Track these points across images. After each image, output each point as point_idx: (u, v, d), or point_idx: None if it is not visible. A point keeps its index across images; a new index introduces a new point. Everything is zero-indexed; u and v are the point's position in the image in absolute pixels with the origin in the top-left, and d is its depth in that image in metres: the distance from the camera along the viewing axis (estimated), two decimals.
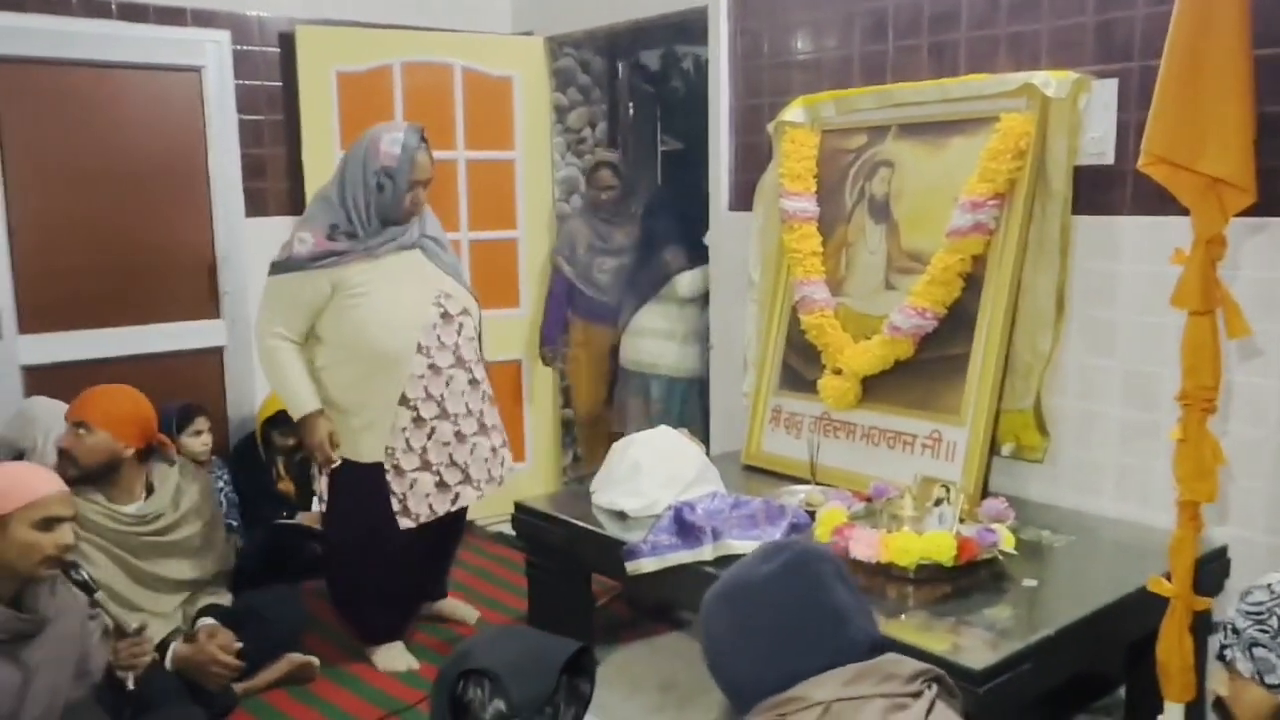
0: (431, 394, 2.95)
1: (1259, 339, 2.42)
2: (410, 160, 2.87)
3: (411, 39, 4.19)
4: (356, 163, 2.87)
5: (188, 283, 3.93)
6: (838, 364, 3.09)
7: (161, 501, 2.84)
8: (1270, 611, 1.32)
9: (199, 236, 3.93)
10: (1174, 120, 2.02)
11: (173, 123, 3.84)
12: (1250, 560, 2.48)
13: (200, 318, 3.96)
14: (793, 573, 1.26)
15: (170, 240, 3.88)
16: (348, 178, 2.87)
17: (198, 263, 3.94)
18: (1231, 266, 2.41)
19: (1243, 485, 2.51)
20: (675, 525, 2.59)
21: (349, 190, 2.86)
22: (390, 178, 2.84)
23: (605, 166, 4.18)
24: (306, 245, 2.86)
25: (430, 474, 2.98)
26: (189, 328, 3.93)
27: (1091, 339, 2.78)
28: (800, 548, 1.30)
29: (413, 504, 2.97)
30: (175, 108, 3.84)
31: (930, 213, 2.95)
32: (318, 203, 2.97)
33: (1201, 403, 2.07)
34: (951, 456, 2.83)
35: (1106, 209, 2.72)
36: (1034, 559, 2.46)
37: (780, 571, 1.26)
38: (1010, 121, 2.75)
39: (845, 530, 2.43)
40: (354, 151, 2.91)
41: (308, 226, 2.90)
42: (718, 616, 1.30)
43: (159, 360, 3.85)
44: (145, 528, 2.79)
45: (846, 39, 3.29)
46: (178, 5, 3.79)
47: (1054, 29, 2.78)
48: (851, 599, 1.28)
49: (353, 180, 2.86)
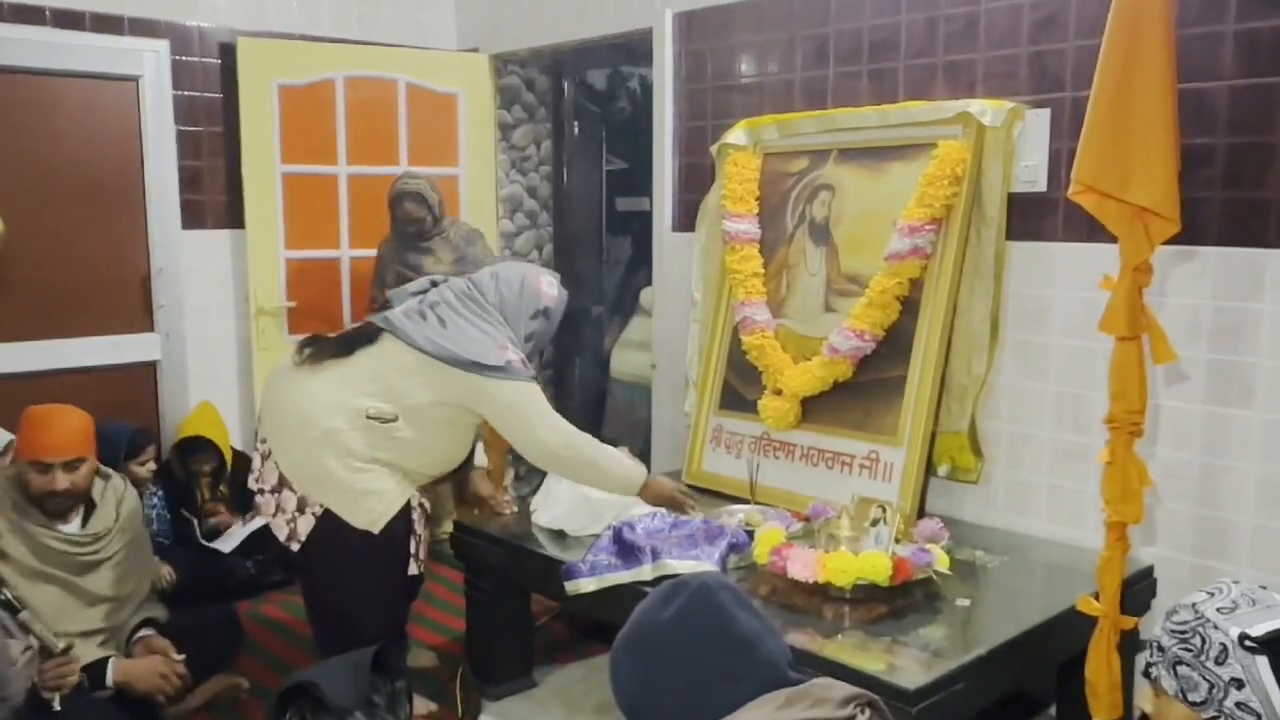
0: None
1: (1184, 364, 2.48)
2: (564, 303, 2.85)
3: (355, 53, 4.15)
4: (513, 300, 2.72)
5: (121, 296, 3.83)
6: (778, 385, 3.10)
7: (107, 519, 2.74)
8: (1194, 631, 1.33)
9: (133, 249, 3.84)
10: (1102, 150, 2.06)
11: (108, 133, 3.75)
12: (1176, 580, 2.53)
13: (134, 331, 3.86)
14: (695, 611, 1.25)
15: (104, 252, 3.78)
16: (508, 316, 2.71)
17: (132, 275, 3.84)
18: (1158, 294, 2.47)
19: (1169, 507, 2.56)
20: (615, 545, 2.58)
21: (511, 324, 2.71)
22: (548, 319, 2.79)
23: (408, 199, 3.72)
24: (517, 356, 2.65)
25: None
26: (122, 341, 3.83)
27: (1024, 362, 2.82)
28: (698, 583, 1.28)
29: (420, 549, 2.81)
30: (111, 118, 3.75)
31: (869, 236, 2.98)
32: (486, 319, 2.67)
33: (1128, 426, 2.11)
34: (889, 477, 2.85)
35: (1039, 235, 2.76)
36: (968, 579, 2.48)
37: (682, 613, 1.25)
38: (947, 148, 2.79)
39: (783, 550, 2.43)
40: (507, 290, 2.73)
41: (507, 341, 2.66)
42: (629, 672, 1.27)
43: (90, 375, 3.74)
44: (88, 547, 2.69)
45: (789, 64, 3.32)
46: (115, 13, 3.70)
47: (990, 59, 2.83)
48: (756, 622, 1.27)
49: (514, 314, 2.72)
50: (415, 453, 2.64)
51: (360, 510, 2.59)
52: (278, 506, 2.65)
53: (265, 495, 2.68)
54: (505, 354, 2.60)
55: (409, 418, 2.59)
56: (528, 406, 2.62)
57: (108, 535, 2.72)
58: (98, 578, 2.71)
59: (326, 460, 2.56)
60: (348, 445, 2.56)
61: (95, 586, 2.70)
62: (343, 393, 2.59)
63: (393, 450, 2.60)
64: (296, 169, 4.04)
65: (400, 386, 2.58)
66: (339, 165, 4.12)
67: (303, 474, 2.60)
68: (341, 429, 2.56)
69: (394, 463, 2.62)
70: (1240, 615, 1.31)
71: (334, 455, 2.56)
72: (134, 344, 3.86)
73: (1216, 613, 1.32)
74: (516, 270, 2.80)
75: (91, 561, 2.70)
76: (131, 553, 2.80)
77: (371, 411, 2.57)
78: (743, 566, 2.55)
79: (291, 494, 2.61)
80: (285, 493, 2.63)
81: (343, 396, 2.58)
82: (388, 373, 2.60)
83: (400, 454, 2.62)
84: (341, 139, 4.11)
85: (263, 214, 3.99)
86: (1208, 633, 1.31)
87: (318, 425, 2.57)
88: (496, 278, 2.75)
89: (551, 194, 4.78)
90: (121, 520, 2.77)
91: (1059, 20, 2.69)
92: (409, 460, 2.64)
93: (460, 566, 3.12)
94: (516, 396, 2.60)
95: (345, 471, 2.57)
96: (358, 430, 2.57)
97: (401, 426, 2.59)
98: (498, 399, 2.59)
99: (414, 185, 3.73)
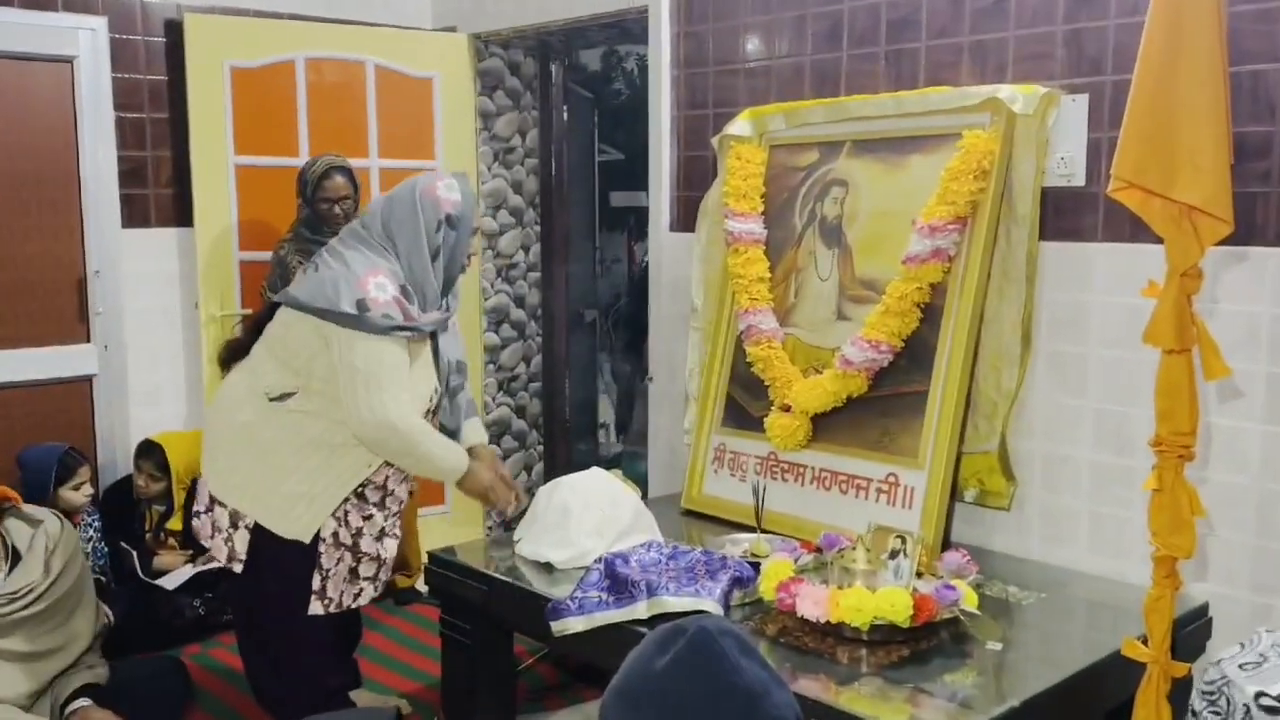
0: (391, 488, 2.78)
1: (1239, 379, 2.47)
2: (473, 205, 2.75)
3: (318, 32, 4.14)
4: (408, 218, 2.65)
5: (52, 302, 3.81)
6: (786, 400, 3.09)
7: (33, 572, 2.69)
8: (1219, 691, 1.33)
9: (67, 249, 3.82)
10: (1145, 142, 2.04)
11: (39, 120, 3.74)
12: (1233, 620, 2.52)
13: (67, 341, 3.84)
14: (694, 660, 1.23)
15: (33, 253, 3.76)
16: (399, 236, 2.64)
17: (65, 279, 3.83)
18: (1210, 300, 2.46)
19: (1224, 538, 2.55)
20: (607, 579, 2.56)
21: (404, 247, 2.64)
22: (454, 227, 2.69)
23: (339, 171, 3.62)
24: (386, 294, 2.55)
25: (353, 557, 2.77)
26: (53, 354, 3.81)
27: (1060, 376, 2.81)
28: (696, 627, 1.27)
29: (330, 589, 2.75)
30: (42, 103, 3.74)
31: (886, 237, 2.97)
32: (368, 245, 2.63)
33: (1178, 449, 2.09)
34: (909, 503, 2.84)
35: (1076, 235, 2.76)
36: (999, 618, 2.46)
37: (680, 661, 1.23)
38: (973, 139, 2.78)
39: (792, 585, 2.41)
40: (397, 209, 2.67)
41: (381, 270, 2.58)
42: None
43: (16, 391, 3.73)
44: (14, 604, 2.65)
45: (798, 45, 3.31)
46: None
47: (1021, 39, 2.83)
48: (762, 672, 1.25)
49: (409, 237, 2.64)
50: (331, 428, 2.59)
51: (287, 519, 2.61)
52: (214, 527, 2.67)
53: (202, 517, 2.72)
54: (364, 288, 2.52)
55: (308, 388, 2.59)
56: (370, 365, 2.53)
57: (33, 589, 2.67)
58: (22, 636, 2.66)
59: (245, 463, 2.61)
60: (262, 440, 2.60)
61: (18, 645, 2.65)
62: (248, 380, 2.64)
63: (307, 432, 2.59)
64: (251, 160, 4.03)
65: (290, 354, 2.60)
66: (299, 157, 4.09)
67: (226, 484, 2.64)
68: (251, 422, 2.61)
69: (315, 451, 2.60)
70: (1264, 671, 1.31)
71: (251, 456, 2.60)
72: (67, 356, 3.84)
73: (1239, 670, 1.33)
74: (408, 183, 2.73)
75: (24, 619, 2.65)
76: (65, 605, 2.76)
77: (272, 392, 2.59)
78: (748, 603, 2.53)
79: (223, 509, 2.64)
80: (217, 509, 2.66)
81: (249, 383, 2.64)
82: (275, 344, 2.63)
83: (317, 434, 2.59)
84: (303, 128, 4.11)
85: (214, 211, 3.97)
86: (1231, 693, 1.32)
87: (234, 421, 2.62)
88: (388, 198, 2.71)
89: (539, 189, 4.78)
90: (54, 571, 2.72)
91: None
92: (333, 436, 2.59)
93: (435, 603, 3.09)
94: (354, 354, 2.53)
95: (265, 474, 2.60)
96: (267, 420, 2.60)
97: (302, 400, 2.58)
98: (335, 349, 2.54)
99: (340, 160, 3.67)
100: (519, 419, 4.80)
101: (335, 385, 2.56)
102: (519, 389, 4.79)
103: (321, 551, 2.66)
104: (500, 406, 4.71)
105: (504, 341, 4.70)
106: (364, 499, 2.71)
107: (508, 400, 4.74)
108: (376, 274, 2.56)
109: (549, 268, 4.83)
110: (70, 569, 2.81)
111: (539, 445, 4.91)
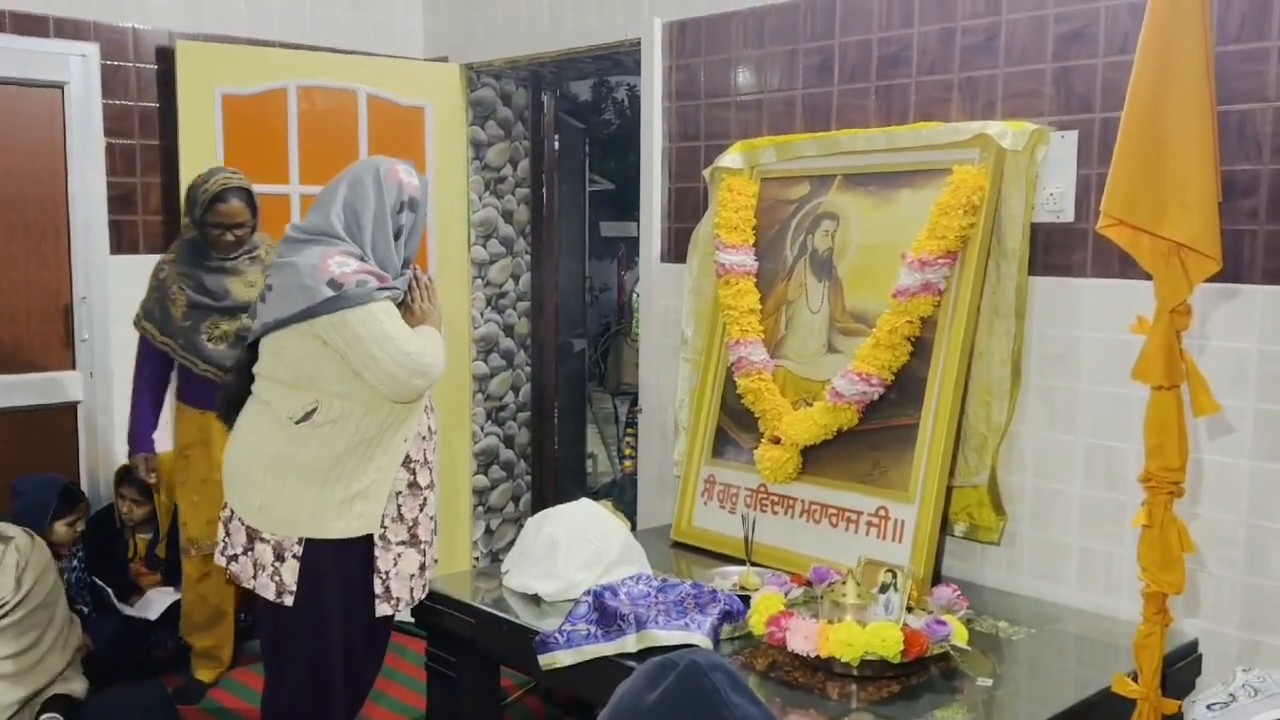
0: (429, 459, 2.78)
1: (1229, 415, 2.49)
2: (428, 191, 2.77)
3: (310, 60, 4.16)
4: (369, 198, 2.63)
5: (38, 327, 3.80)
6: (776, 432, 3.09)
7: (4, 586, 2.69)
8: None
9: (54, 274, 3.82)
10: (1134, 179, 2.07)
11: (28, 145, 3.74)
12: (1223, 657, 2.52)
13: (51, 368, 3.82)
14: (684, 696, 1.23)
15: (19, 278, 3.75)
16: (363, 215, 2.63)
17: (51, 305, 3.82)
18: (1199, 337, 2.49)
19: (1214, 574, 2.56)
20: (595, 611, 2.55)
21: (368, 229, 2.63)
22: (413, 210, 2.70)
23: (235, 194, 3.36)
24: (350, 266, 2.54)
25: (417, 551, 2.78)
26: (37, 380, 3.79)
27: (1050, 410, 2.82)
28: (688, 661, 1.26)
29: (396, 588, 2.73)
30: (32, 128, 3.75)
31: (876, 270, 2.99)
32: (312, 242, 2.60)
33: (1167, 485, 2.10)
34: (899, 537, 2.84)
35: (1066, 270, 2.78)
36: (990, 654, 2.46)
37: (670, 695, 1.23)
38: (963, 174, 2.81)
39: (782, 619, 2.41)
40: (358, 190, 2.65)
41: (335, 252, 2.56)
42: None
43: (1, 417, 3.69)
44: None
45: (789, 79, 3.35)
46: (39, 13, 3.71)
47: (1011, 76, 2.86)
48: (753, 708, 1.25)
49: (374, 217, 2.63)
50: (361, 426, 2.60)
51: (347, 519, 2.61)
52: (256, 565, 2.61)
53: (240, 560, 2.64)
54: (327, 271, 2.52)
55: (325, 398, 2.58)
56: (365, 335, 2.52)
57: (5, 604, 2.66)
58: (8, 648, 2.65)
59: (289, 491, 2.58)
60: (299, 464, 2.58)
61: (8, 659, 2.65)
62: (265, 413, 2.63)
63: (341, 440, 2.58)
64: None
65: (293, 373, 2.59)
66: (290, 184, 4.12)
67: (271, 517, 2.60)
68: (284, 450, 2.59)
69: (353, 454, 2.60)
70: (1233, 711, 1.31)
71: (294, 482, 2.58)
72: (51, 383, 3.82)
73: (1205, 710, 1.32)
74: (367, 166, 2.72)
75: None
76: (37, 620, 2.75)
77: (295, 415, 2.58)
78: (737, 637, 2.52)
79: (265, 544, 2.60)
80: (258, 546, 2.61)
81: (268, 416, 2.62)
82: (274, 371, 2.62)
83: (350, 438, 2.59)
84: (293, 155, 4.11)
85: None
86: None
87: (265, 455, 2.60)
88: (341, 180, 2.69)
89: (529, 219, 4.79)
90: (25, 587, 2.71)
91: (1087, 34, 2.72)
92: (366, 431, 2.60)
93: (423, 635, 3.07)
94: (351, 328, 2.52)
95: (314, 494, 2.58)
96: (300, 444, 2.58)
97: (325, 411, 2.57)
98: (332, 337, 2.53)
99: (237, 179, 3.40)
100: (507, 449, 4.79)
101: (348, 380, 2.55)
102: (507, 418, 4.78)
103: (377, 555, 2.66)
104: (488, 436, 4.70)
105: (492, 370, 4.69)
106: (416, 486, 2.71)
107: (496, 430, 4.73)
108: (331, 256, 2.55)
109: (539, 297, 4.84)
110: (40, 585, 2.80)
111: (527, 475, 4.90)
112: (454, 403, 4.42)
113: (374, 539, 2.65)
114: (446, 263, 4.43)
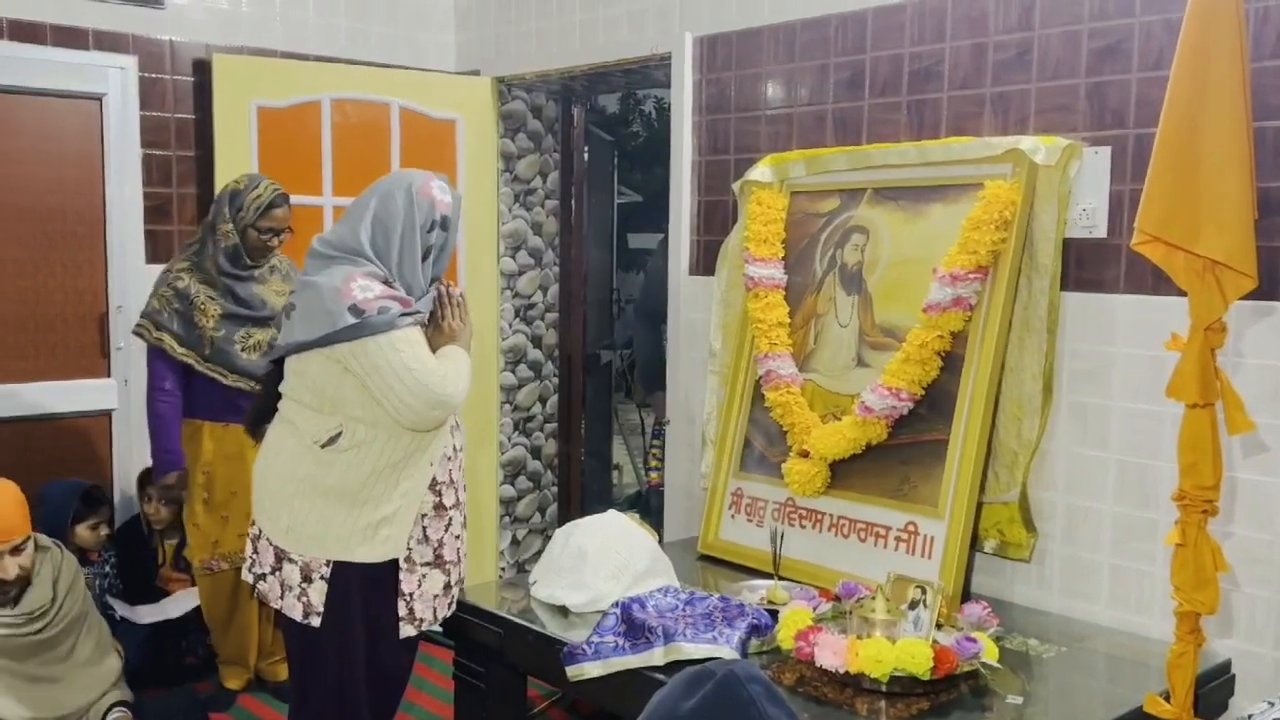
0: (455, 479, 2.76)
1: (1264, 433, 2.46)
2: (460, 207, 2.74)
3: (343, 73, 4.20)
4: (399, 215, 2.59)
5: (74, 336, 3.85)
6: (804, 445, 3.09)
7: (42, 597, 2.73)
8: None
9: (90, 283, 3.87)
10: (1169, 196, 2.07)
11: (67, 155, 3.80)
12: (1257, 678, 2.49)
13: (87, 375, 3.87)
14: (721, 705, 1.23)
15: (56, 287, 3.81)
16: (392, 232, 2.59)
17: (87, 313, 3.87)
18: (1234, 354, 2.47)
19: (1248, 594, 2.53)
20: (623, 624, 2.55)
21: (395, 246, 2.59)
22: (445, 229, 2.67)
23: (282, 203, 3.44)
24: (372, 292, 2.49)
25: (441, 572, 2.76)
26: (73, 387, 3.84)
27: (1082, 427, 2.81)
28: (725, 671, 1.27)
29: (420, 608, 2.73)
30: (71, 139, 3.80)
31: (906, 285, 2.98)
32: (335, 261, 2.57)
33: (1201, 504, 2.09)
34: (929, 553, 2.83)
35: (1098, 286, 2.77)
36: (1020, 672, 2.45)
37: (706, 706, 1.23)
38: (995, 189, 2.80)
39: (810, 634, 2.40)
40: (388, 206, 2.61)
41: (358, 274, 2.52)
42: None
43: (35, 424, 3.75)
44: (33, 625, 2.67)
45: (820, 93, 3.35)
46: (79, 26, 3.77)
47: (1044, 91, 2.85)
48: None
49: (404, 236, 2.60)
50: (386, 449, 2.58)
51: (372, 544, 2.59)
52: (283, 586, 2.61)
53: (268, 580, 2.64)
54: (350, 296, 2.47)
55: (349, 422, 2.56)
56: (409, 350, 2.50)
57: (47, 614, 2.70)
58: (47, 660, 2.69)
59: (317, 513, 2.57)
60: (326, 487, 2.57)
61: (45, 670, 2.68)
62: (292, 434, 2.62)
63: (367, 464, 2.57)
64: None
65: (317, 397, 2.57)
66: (324, 196, 4.16)
67: (299, 538, 2.59)
68: (311, 474, 2.57)
69: (379, 478, 2.58)
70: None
71: (321, 505, 2.57)
72: (87, 390, 3.87)
73: None
74: (399, 181, 2.66)
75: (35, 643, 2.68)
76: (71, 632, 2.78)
77: (320, 439, 2.57)
78: (765, 651, 2.52)
79: (293, 565, 2.59)
80: (285, 567, 2.60)
81: (295, 437, 2.61)
82: (298, 393, 2.61)
83: (376, 461, 2.57)
84: (327, 167, 4.15)
85: None
86: None
87: (294, 476, 2.59)
88: (373, 194, 2.64)
89: (558, 230, 4.82)
90: (61, 597, 2.75)
91: (1121, 50, 2.71)
92: (392, 455, 2.58)
93: (451, 645, 3.09)
94: (371, 357, 2.49)
95: (341, 517, 2.57)
96: (326, 468, 2.57)
97: (349, 435, 2.56)
98: (354, 365, 2.50)
99: (279, 186, 3.45)
100: (534, 459, 4.81)
101: (371, 405, 2.54)
102: (534, 429, 4.80)
103: (401, 578, 2.66)
104: (516, 446, 4.72)
105: (520, 381, 4.72)
106: (441, 507, 2.70)
107: (523, 440, 4.75)
108: (355, 279, 2.51)
109: (567, 308, 4.86)
110: (73, 596, 2.84)
111: (553, 486, 4.91)
112: (482, 414, 4.45)
113: (399, 561, 2.65)
114: (476, 274, 4.45)
